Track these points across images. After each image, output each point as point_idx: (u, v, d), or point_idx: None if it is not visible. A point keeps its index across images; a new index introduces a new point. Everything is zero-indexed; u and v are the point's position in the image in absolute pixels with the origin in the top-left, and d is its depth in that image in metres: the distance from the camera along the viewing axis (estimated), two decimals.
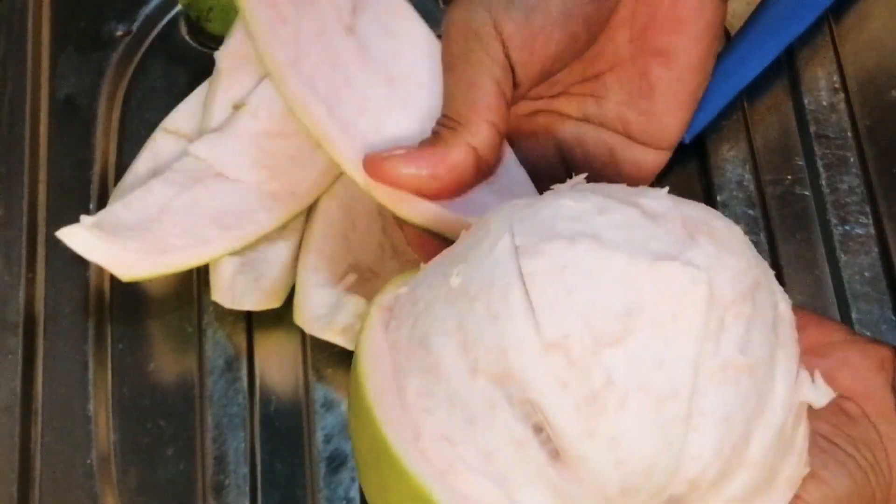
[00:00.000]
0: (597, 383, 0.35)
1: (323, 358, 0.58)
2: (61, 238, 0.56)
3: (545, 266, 0.36)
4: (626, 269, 0.36)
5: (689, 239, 0.37)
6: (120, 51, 0.66)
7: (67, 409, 0.58)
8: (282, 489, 0.55)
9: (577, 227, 0.37)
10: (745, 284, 0.37)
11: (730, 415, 0.36)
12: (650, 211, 0.38)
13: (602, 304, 0.36)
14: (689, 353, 0.36)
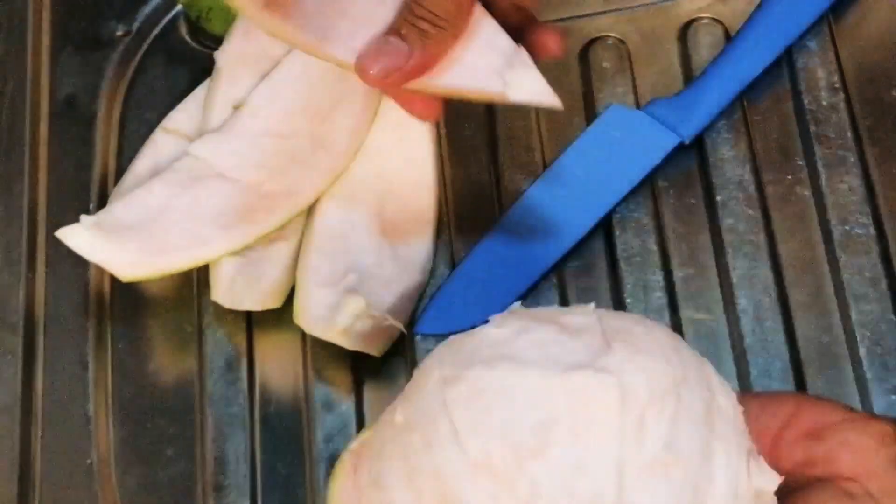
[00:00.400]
0: (523, 494, 0.37)
1: (323, 358, 0.58)
2: (61, 238, 0.56)
3: (465, 391, 0.39)
4: (539, 384, 0.38)
5: (605, 348, 0.39)
6: (120, 51, 0.66)
7: (67, 409, 0.58)
8: (282, 489, 0.55)
9: (497, 351, 0.40)
10: (665, 383, 0.39)
11: None
12: (570, 327, 0.40)
13: (518, 420, 0.38)
14: (609, 455, 0.37)
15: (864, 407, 0.54)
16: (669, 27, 0.64)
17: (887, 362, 0.55)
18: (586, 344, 0.39)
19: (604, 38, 0.64)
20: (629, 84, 0.63)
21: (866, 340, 0.55)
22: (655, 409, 0.38)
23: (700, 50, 0.63)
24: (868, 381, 0.54)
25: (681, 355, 0.40)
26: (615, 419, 0.37)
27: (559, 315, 0.41)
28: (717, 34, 0.64)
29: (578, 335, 0.40)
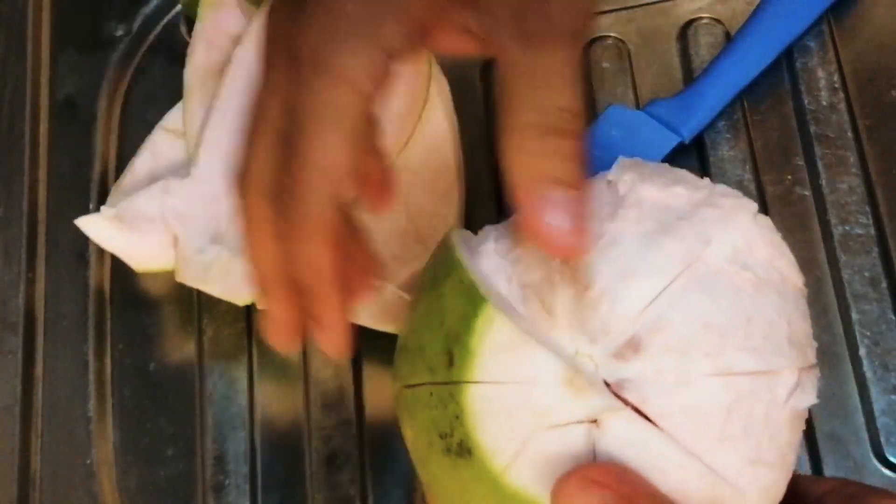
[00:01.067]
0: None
1: (323, 358, 0.58)
2: (80, 226, 0.57)
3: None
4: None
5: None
6: (120, 51, 0.66)
7: (67, 409, 0.58)
8: (282, 489, 0.55)
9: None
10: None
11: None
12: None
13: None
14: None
15: (864, 407, 0.54)
16: (669, 27, 0.64)
17: (887, 362, 0.55)
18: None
19: (604, 38, 0.64)
20: (629, 84, 0.63)
21: (866, 340, 0.55)
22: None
23: (700, 50, 0.63)
24: (868, 381, 0.54)
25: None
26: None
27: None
28: (717, 34, 0.64)
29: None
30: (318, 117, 0.37)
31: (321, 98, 0.37)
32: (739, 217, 0.41)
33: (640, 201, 0.41)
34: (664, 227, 0.41)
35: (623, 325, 0.39)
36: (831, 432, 0.54)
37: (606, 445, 0.39)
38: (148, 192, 0.58)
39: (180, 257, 0.56)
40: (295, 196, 0.38)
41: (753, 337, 0.40)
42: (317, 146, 0.37)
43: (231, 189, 0.41)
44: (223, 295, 0.56)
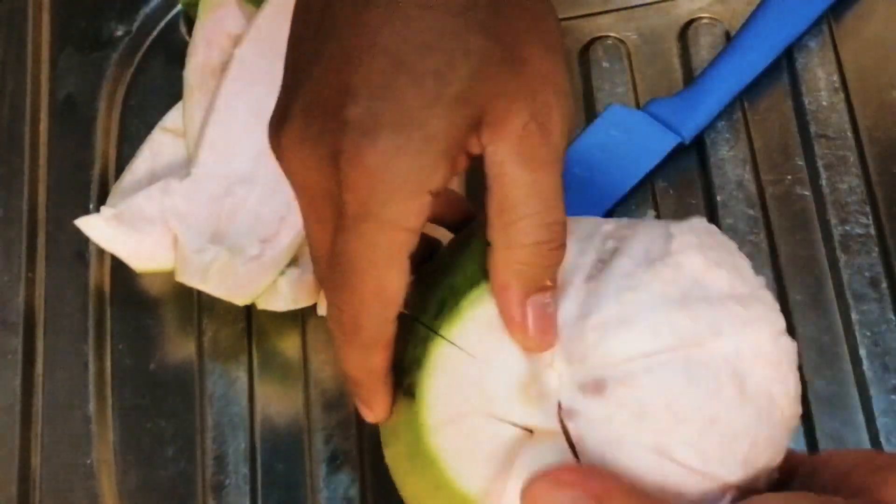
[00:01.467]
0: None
1: (323, 358, 0.58)
2: (80, 226, 0.57)
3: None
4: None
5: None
6: (120, 51, 0.66)
7: (67, 409, 0.58)
8: (282, 489, 0.55)
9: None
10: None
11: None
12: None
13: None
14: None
15: (864, 407, 0.54)
16: (669, 27, 0.64)
17: (887, 362, 0.55)
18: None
19: (604, 38, 0.64)
20: (629, 84, 0.63)
21: (866, 340, 0.55)
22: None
23: (700, 50, 0.63)
24: (868, 381, 0.54)
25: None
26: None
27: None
28: (717, 34, 0.64)
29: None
30: (370, 259, 0.39)
31: (373, 241, 0.38)
32: (761, 328, 0.41)
33: (681, 266, 0.42)
34: (686, 300, 0.41)
35: (600, 362, 0.40)
36: (831, 432, 0.54)
37: (530, 457, 0.39)
38: (148, 192, 0.58)
39: (180, 257, 0.56)
40: (351, 322, 0.40)
41: (708, 440, 0.39)
42: (371, 283, 0.39)
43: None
44: (223, 295, 0.56)
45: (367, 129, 0.37)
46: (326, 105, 0.38)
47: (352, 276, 0.39)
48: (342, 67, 0.38)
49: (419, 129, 0.37)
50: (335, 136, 0.37)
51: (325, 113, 0.38)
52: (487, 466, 0.40)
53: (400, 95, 0.37)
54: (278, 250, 0.57)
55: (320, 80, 0.38)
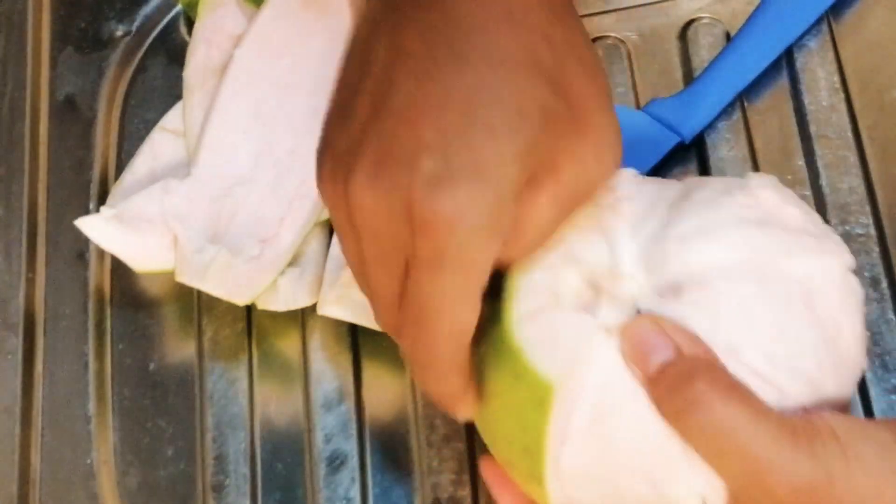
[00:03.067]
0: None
1: (323, 358, 0.58)
2: (80, 227, 0.57)
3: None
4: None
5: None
6: (120, 51, 0.66)
7: (67, 409, 0.58)
8: (282, 489, 0.55)
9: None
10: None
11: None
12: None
13: None
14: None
15: (864, 407, 0.54)
16: (669, 27, 0.64)
17: (887, 362, 0.55)
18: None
19: (604, 38, 0.64)
20: (629, 84, 0.63)
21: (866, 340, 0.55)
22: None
23: (700, 50, 0.63)
24: (868, 381, 0.54)
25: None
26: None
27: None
28: (717, 34, 0.64)
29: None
30: (447, 301, 0.40)
31: (449, 285, 0.40)
32: (832, 260, 0.43)
33: (759, 198, 0.44)
34: (762, 223, 0.43)
35: (678, 269, 0.42)
36: None
37: (607, 348, 0.41)
38: (148, 192, 0.58)
39: (180, 257, 0.56)
40: (428, 357, 0.42)
41: (776, 347, 0.41)
42: (446, 323, 0.40)
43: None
44: (222, 295, 0.56)
45: (443, 178, 0.38)
46: (399, 156, 0.39)
47: (426, 317, 0.40)
48: (415, 120, 0.39)
49: (493, 178, 0.39)
50: (410, 186, 0.38)
51: (399, 164, 0.39)
52: (566, 355, 0.41)
53: (473, 146, 0.38)
54: (278, 250, 0.57)
55: (391, 132, 0.39)
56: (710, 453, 0.39)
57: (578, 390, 0.41)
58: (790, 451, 0.38)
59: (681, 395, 0.39)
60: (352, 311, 0.55)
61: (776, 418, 0.39)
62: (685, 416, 0.39)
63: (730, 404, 0.38)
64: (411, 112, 0.39)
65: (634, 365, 0.40)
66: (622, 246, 0.43)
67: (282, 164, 0.58)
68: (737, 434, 0.38)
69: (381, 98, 0.40)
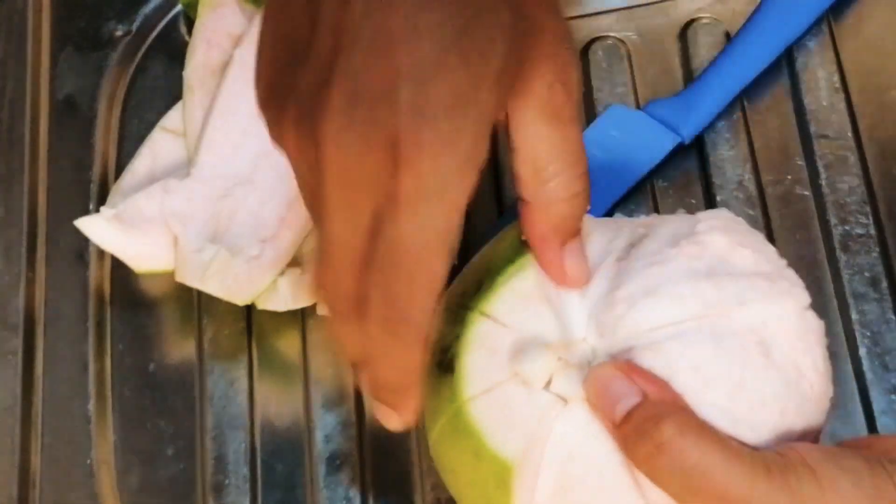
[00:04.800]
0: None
1: (323, 358, 0.58)
2: (79, 227, 0.57)
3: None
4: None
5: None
6: (120, 51, 0.66)
7: (67, 409, 0.58)
8: (282, 489, 0.55)
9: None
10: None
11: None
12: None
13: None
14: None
15: (864, 407, 0.54)
16: (669, 27, 0.64)
17: (887, 362, 0.55)
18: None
19: (604, 38, 0.64)
20: (629, 84, 0.63)
21: (866, 340, 0.55)
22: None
23: (700, 50, 0.63)
24: (868, 381, 0.54)
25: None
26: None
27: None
28: (717, 34, 0.64)
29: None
30: (426, 242, 0.39)
31: (430, 223, 0.39)
32: (786, 302, 0.42)
33: (706, 245, 0.43)
34: (711, 273, 0.42)
35: (628, 333, 0.41)
36: (831, 432, 0.54)
37: (564, 423, 0.41)
38: (148, 193, 0.58)
39: (180, 257, 0.57)
40: (405, 315, 0.40)
41: (736, 402, 0.40)
42: (425, 269, 0.39)
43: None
44: (222, 294, 0.56)
45: (423, 110, 0.37)
46: (375, 90, 0.37)
47: (405, 263, 0.39)
48: (386, 51, 0.37)
49: (473, 107, 0.38)
50: (389, 120, 0.37)
51: (375, 97, 0.37)
52: (524, 432, 0.41)
53: (451, 77, 0.38)
54: (278, 250, 0.57)
55: (362, 65, 0.38)
56: (683, 495, 0.38)
57: (539, 467, 0.41)
58: (765, 487, 0.38)
59: (649, 439, 0.38)
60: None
61: (748, 455, 0.38)
62: (654, 461, 0.38)
63: (700, 445, 0.38)
64: (381, 43, 0.38)
65: (600, 413, 0.40)
66: (571, 313, 0.43)
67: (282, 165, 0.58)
68: (709, 474, 0.38)
69: (344, 31, 0.38)
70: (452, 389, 0.43)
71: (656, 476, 0.39)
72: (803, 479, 0.38)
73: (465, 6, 0.38)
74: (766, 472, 0.38)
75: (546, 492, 0.41)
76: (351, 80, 0.38)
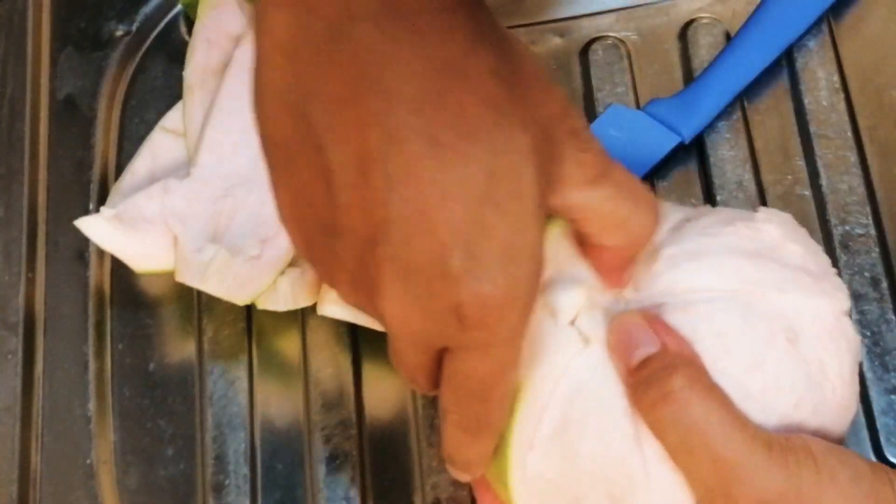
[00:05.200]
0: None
1: (323, 358, 0.58)
2: (79, 227, 0.57)
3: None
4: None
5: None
6: (120, 51, 0.66)
7: (67, 409, 0.58)
8: (282, 489, 0.55)
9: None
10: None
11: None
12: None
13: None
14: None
15: (864, 407, 0.54)
16: (669, 27, 0.64)
17: (887, 362, 0.55)
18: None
19: (604, 38, 0.64)
20: (629, 84, 0.63)
21: (866, 340, 0.55)
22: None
23: (700, 50, 0.63)
24: (868, 381, 0.54)
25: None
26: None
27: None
28: (717, 34, 0.64)
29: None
30: (495, 376, 0.39)
31: (498, 364, 0.39)
32: (825, 301, 0.42)
33: (760, 231, 0.43)
34: (758, 256, 0.42)
35: (663, 289, 0.42)
36: None
37: (580, 362, 0.41)
38: (148, 193, 0.58)
39: (180, 257, 0.57)
40: (476, 426, 0.42)
41: (752, 379, 0.40)
42: (500, 398, 0.41)
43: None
44: (222, 294, 0.56)
45: (477, 273, 0.37)
46: (424, 266, 0.37)
47: (480, 392, 0.40)
48: (424, 223, 0.36)
49: (522, 251, 0.37)
50: (447, 291, 0.37)
51: (427, 276, 0.37)
52: (542, 361, 0.41)
53: (493, 232, 0.37)
54: (278, 250, 0.57)
55: (404, 242, 0.37)
56: (679, 450, 0.39)
57: (549, 397, 0.41)
58: (763, 461, 0.38)
59: (658, 387, 0.39)
60: (352, 311, 0.55)
61: (752, 427, 0.39)
62: (659, 408, 0.39)
63: (705, 403, 0.38)
64: (415, 216, 0.36)
65: (617, 356, 0.41)
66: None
67: None
68: (709, 434, 0.38)
69: (373, 209, 0.37)
70: None
71: (657, 425, 0.39)
72: (803, 463, 0.38)
73: (487, 150, 0.37)
74: (766, 448, 0.38)
75: (552, 423, 0.41)
76: (398, 261, 0.37)
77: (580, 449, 0.41)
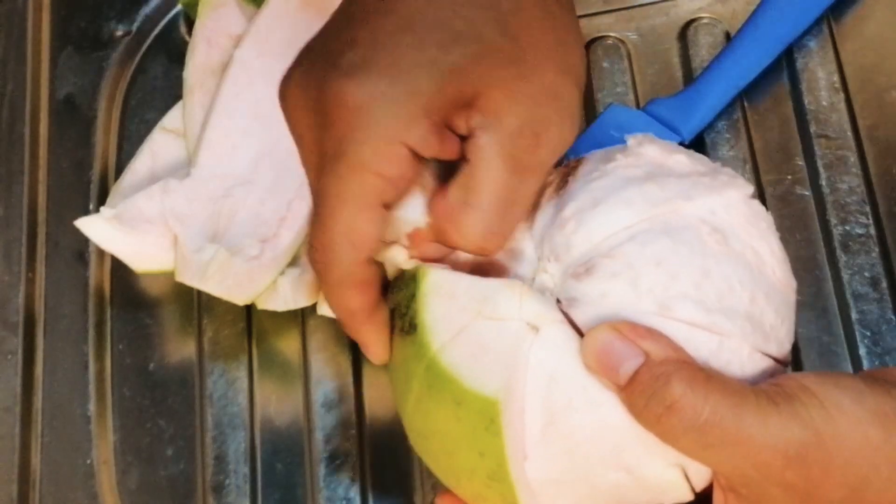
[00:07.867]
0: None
1: (323, 357, 0.58)
2: (79, 227, 0.57)
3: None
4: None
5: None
6: (120, 51, 0.66)
7: (67, 409, 0.58)
8: (282, 489, 0.55)
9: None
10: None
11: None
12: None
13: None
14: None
15: None
16: (669, 27, 0.64)
17: (887, 362, 0.55)
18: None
19: (604, 38, 0.64)
20: (629, 84, 0.63)
21: (866, 340, 0.55)
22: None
23: (700, 50, 0.63)
24: None
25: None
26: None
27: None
28: (717, 34, 0.64)
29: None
30: (341, 198, 0.40)
31: (344, 181, 0.40)
32: (730, 192, 0.42)
33: (641, 154, 0.43)
34: (652, 176, 0.42)
35: (583, 247, 0.41)
36: None
37: (539, 349, 0.40)
38: (148, 193, 0.58)
39: (180, 257, 0.57)
40: (323, 260, 0.42)
41: (705, 291, 0.40)
42: (340, 223, 0.41)
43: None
44: (222, 294, 0.56)
45: (354, 71, 0.39)
46: (329, 55, 0.40)
47: (324, 215, 0.41)
48: (353, 24, 0.40)
49: (405, 81, 0.39)
50: (326, 77, 0.39)
51: (326, 61, 0.40)
52: (502, 365, 0.40)
53: (397, 51, 0.39)
54: (278, 250, 0.57)
55: (330, 34, 0.40)
56: (696, 449, 0.39)
57: (524, 397, 0.40)
58: (777, 422, 0.38)
59: (658, 399, 0.38)
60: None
61: (752, 394, 0.39)
62: (665, 420, 0.38)
63: (709, 398, 0.38)
64: (356, 18, 0.40)
65: (603, 376, 0.40)
66: (524, 247, 0.43)
67: (281, 165, 0.58)
68: (723, 425, 0.38)
69: (341, 9, 0.41)
70: (419, 345, 0.42)
71: (667, 435, 0.39)
72: (809, 405, 0.38)
73: (449, 9, 0.40)
74: (774, 407, 0.38)
75: (537, 420, 0.40)
76: (316, 47, 0.42)
77: (576, 435, 0.40)
